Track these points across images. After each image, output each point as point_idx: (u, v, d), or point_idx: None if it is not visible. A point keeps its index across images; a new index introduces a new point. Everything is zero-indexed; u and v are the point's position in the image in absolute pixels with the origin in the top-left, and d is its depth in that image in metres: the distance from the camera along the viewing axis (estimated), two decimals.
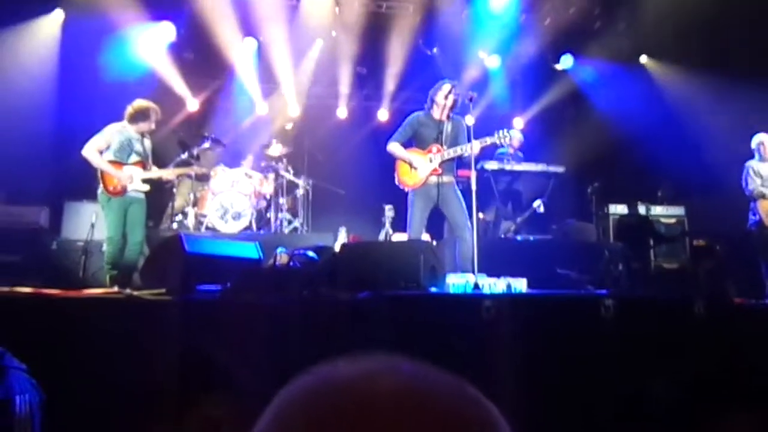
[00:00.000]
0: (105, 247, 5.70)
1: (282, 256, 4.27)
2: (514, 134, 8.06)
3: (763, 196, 6.25)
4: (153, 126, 5.99)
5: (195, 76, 10.38)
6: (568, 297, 3.59)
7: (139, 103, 5.93)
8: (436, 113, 5.52)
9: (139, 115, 5.85)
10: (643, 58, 9.84)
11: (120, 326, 3.09)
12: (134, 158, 5.78)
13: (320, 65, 10.65)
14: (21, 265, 6.22)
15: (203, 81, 10.54)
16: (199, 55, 10.03)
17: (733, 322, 3.11)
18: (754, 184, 6.32)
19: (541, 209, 7.65)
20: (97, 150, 5.63)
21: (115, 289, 5.37)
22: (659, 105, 8.66)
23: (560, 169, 7.62)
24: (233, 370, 2.91)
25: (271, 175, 8.81)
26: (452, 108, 5.49)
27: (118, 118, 5.91)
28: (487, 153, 7.61)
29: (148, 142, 6.03)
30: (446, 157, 5.34)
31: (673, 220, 7.77)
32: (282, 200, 8.80)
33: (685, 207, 7.84)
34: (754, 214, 6.39)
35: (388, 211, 9.00)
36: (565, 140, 10.73)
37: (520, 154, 8.05)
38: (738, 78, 7.15)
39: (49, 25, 8.76)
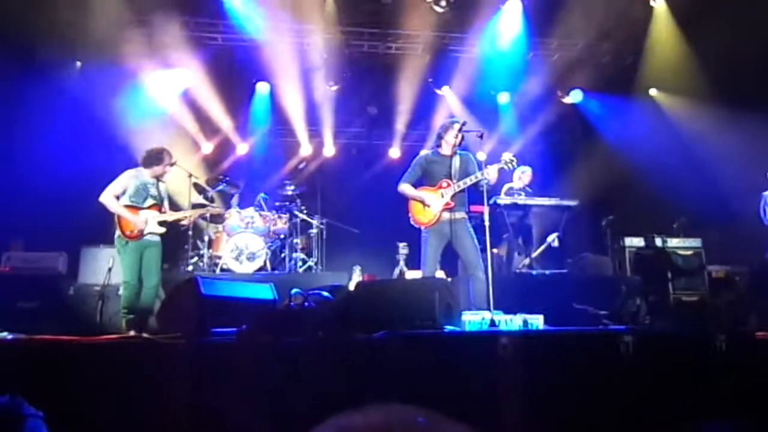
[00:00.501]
0: (121, 291, 5.75)
1: (297, 297, 4.27)
2: (524, 170, 8.10)
3: None
4: (167, 169, 6.09)
5: (209, 120, 10.58)
6: (586, 334, 3.54)
7: (153, 147, 6.06)
8: (445, 150, 5.57)
9: (153, 159, 5.96)
10: (653, 91, 9.89)
11: (135, 371, 3.08)
12: (150, 202, 5.87)
13: (332, 106, 10.82)
14: (39, 312, 6.25)
15: (217, 124, 10.74)
16: (213, 99, 10.22)
17: (756, 356, 3.05)
18: None
19: (556, 243, 7.60)
20: (113, 195, 5.74)
21: (131, 333, 5.40)
22: (671, 137, 8.67)
23: (573, 203, 7.60)
24: (249, 414, 2.89)
25: (285, 215, 8.88)
26: (460, 144, 5.54)
27: (134, 163, 6.03)
28: (497, 188, 7.63)
29: (163, 186, 6.12)
30: (457, 189, 5.36)
31: (690, 252, 7.68)
32: (296, 240, 8.85)
33: (702, 238, 7.76)
34: None
35: (402, 249, 9.01)
36: (577, 174, 10.75)
37: (530, 190, 8.04)
38: (747, 108, 7.15)
39: (68, 74, 9.01)
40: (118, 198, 5.76)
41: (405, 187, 5.56)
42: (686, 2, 8.19)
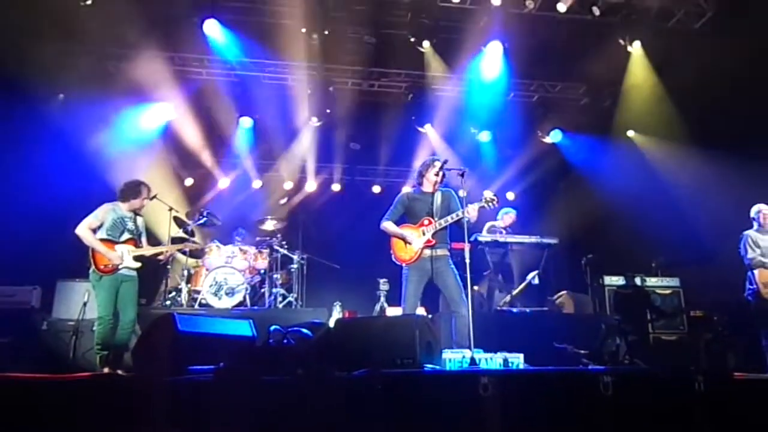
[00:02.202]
0: (96, 327, 5.61)
1: (276, 334, 4.22)
2: (507, 211, 8.16)
3: (762, 266, 6.25)
4: (145, 203, 6.03)
5: (191, 153, 10.58)
6: (566, 373, 3.54)
7: (131, 181, 6.00)
8: (427, 188, 5.61)
9: (131, 193, 5.90)
10: (630, 133, 10.11)
11: (109, 410, 3.00)
12: (126, 236, 5.78)
13: (314, 142, 10.88)
14: (11, 347, 6.10)
15: (199, 158, 10.73)
16: (195, 132, 10.23)
17: (734, 397, 3.07)
18: (753, 254, 6.32)
19: (536, 281, 7.64)
20: (89, 228, 5.64)
21: (105, 370, 5.27)
22: (649, 178, 8.84)
23: (554, 241, 7.67)
24: None
25: (266, 250, 8.83)
26: (441, 182, 5.58)
27: (113, 196, 5.97)
28: (478, 227, 7.67)
29: (141, 220, 6.05)
30: (438, 227, 5.38)
31: (668, 291, 7.77)
32: (276, 275, 8.78)
33: (680, 278, 7.86)
34: (751, 284, 6.37)
35: (383, 285, 8.97)
36: (557, 212, 10.88)
37: (509, 230, 8.05)
38: (722, 149, 7.34)
39: (48, 107, 8.97)
40: (94, 231, 5.67)
41: (387, 225, 5.57)
42: (661, 46, 8.43)
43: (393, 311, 8.23)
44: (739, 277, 6.57)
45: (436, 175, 5.49)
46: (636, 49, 8.72)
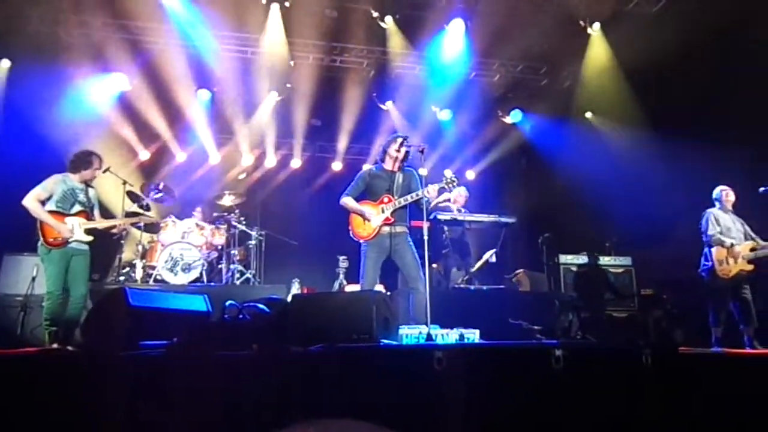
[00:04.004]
0: (45, 302, 5.44)
1: (231, 309, 4.17)
2: (460, 191, 8.16)
3: (720, 243, 6.43)
4: (96, 174, 5.84)
5: (147, 126, 10.30)
6: (519, 347, 3.61)
7: (81, 151, 5.81)
8: (389, 165, 5.59)
9: (82, 164, 5.71)
10: (588, 114, 10.27)
11: (58, 387, 2.93)
12: (77, 208, 5.61)
13: (275, 116, 10.73)
14: None
15: (155, 131, 10.46)
16: (151, 105, 9.96)
17: (680, 371, 3.18)
18: (713, 231, 6.49)
19: (494, 259, 7.75)
20: (37, 200, 5.45)
21: (54, 346, 5.13)
22: (606, 159, 8.99)
23: (512, 220, 7.76)
24: (180, 430, 2.78)
25: (223, 226, 8.71)
26: (404, 160, 5.58)
27: (63, 168, 5.77)
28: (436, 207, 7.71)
29: (93, 192, 5.87)
30: (397, 205, 5.39)
31: (621, 270, 7.99)
32: (234, 251, 8.68)
33: (632, 257, 8.08)
34: (707, 260, 6.53)
35: (342, 262, 8.97)
36: (515, 192, 11.03)
37: (464, 210, 8.10)
38: (673, 135, 7.51)
39: None
40: (43, 203, 5.48)
41: (347, 200, 5.55)
42: (620, 29, 8.55)
43: (352, 288, 8.25)
44: (692, 256, 6.75)
45: (398, 150, 5.49)
46: (595, 30, 8.83)
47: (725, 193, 6.71)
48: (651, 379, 3.07)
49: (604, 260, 8.00)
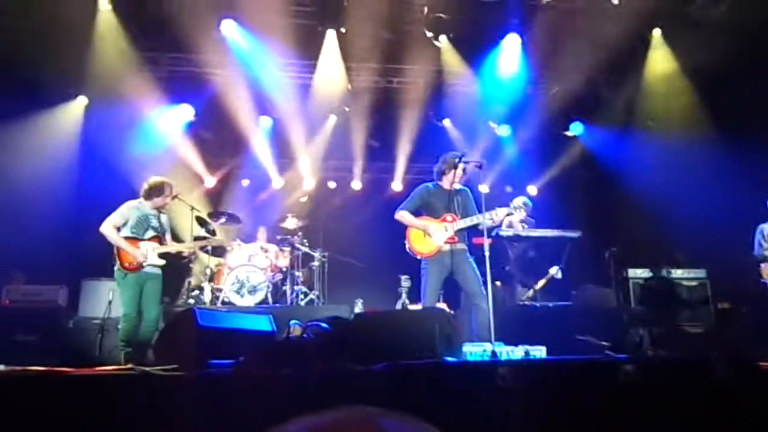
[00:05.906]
0: (120, 325, 5.69)
1: (295, 329, 4.23)
2: (523, 200, 8.05)
3: (765, 260, 6.10)
4: (168, 201, 6.10)
5: (212, 154, 10.68)
6: (586, 362, 3.49)
7: (154, 179, 6.07)
8: (446, 183, 5.58)
9: (154, 191, 5.97)
10: (651, 122, 9.95)
11: (131, 404, 3.04)
12: (150, 233, 5.86)
13: (334, 140, 10.91)
14: (38, 345, 6.23)
15: (220, 158, 10.83)
16: (216, 133, 10.33)
17: (759, 386, 3.00)
18: (760, 250, 6.16)
19: (559, 275, 7.56)
20: (114, 226, 5.73)
21: (128, 366, 5.33)
22: (671, 167, 8.67)
23: (576, 234, 7.56)
24: None
25: (287, 249, 8.88)
26: (461, 178, 5.56)
27: (136, 196, 6.05)
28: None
29: (165, 218, 6.12)
30: (461, 226, 5.36)
31: (694, 283, 7.63)
32: (298, 273, 8.82)
33: (706, 269, 7.71)
34: (760, 277, 6.23)
35: (404, 282, 8.97)
36: (579, 205, 10.76)
37: (532, 220, 7.99)
38: (741, 139, 7.20)
39: (73, 110, 9.15)
40: (119, 229, 5.75)
41: (404, 214, 5.54)
42: (681, 34, 8.29)
43: (415, 308, 8.23)
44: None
45: (454, 168, 5.47)
46: (656, 37, 8.60)
47: None
48: (727, 395, 2.92)
49: (677, 273, 7.66)
